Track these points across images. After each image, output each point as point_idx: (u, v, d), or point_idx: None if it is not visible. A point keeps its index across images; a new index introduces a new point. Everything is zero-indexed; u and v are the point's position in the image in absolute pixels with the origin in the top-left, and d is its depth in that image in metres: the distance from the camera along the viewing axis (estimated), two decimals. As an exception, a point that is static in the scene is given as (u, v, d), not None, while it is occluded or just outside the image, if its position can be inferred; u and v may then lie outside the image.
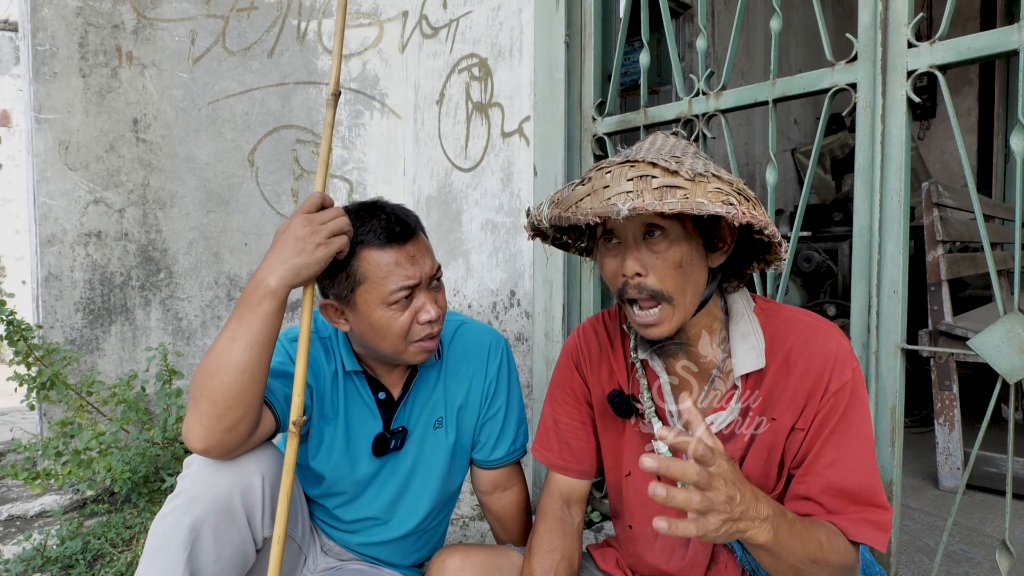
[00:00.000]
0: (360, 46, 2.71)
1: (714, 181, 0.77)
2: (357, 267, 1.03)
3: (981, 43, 1.21)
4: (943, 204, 2.34)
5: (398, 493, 1.24)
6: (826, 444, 0.86)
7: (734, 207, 0.75)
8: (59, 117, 2.43)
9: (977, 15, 5.07)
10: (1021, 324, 1.19)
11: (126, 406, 2.26)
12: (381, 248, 1.03)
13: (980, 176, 5.09)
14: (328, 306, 1.08)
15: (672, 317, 0.86)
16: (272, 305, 0.92)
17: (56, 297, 2.45)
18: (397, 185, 2.77)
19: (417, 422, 1.22)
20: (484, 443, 1.28)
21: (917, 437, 2.73)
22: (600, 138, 1.96)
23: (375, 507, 1.23)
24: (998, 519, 1.92)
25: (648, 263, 0.85)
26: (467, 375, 1.25)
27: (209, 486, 0.98)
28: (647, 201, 0.75)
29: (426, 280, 1.07)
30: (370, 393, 1.19)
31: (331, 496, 1.23)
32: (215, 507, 0.98)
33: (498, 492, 1.31)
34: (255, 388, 0.93)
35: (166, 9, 2.56)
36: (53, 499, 2.25)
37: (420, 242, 1.08)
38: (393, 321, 1.04)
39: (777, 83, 1.50)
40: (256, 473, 1.01)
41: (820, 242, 3.66)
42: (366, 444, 1.19)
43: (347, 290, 1.04)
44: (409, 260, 1.04)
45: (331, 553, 1.28)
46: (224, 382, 0.91)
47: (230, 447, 0.96)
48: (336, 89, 1.02)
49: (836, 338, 0.89)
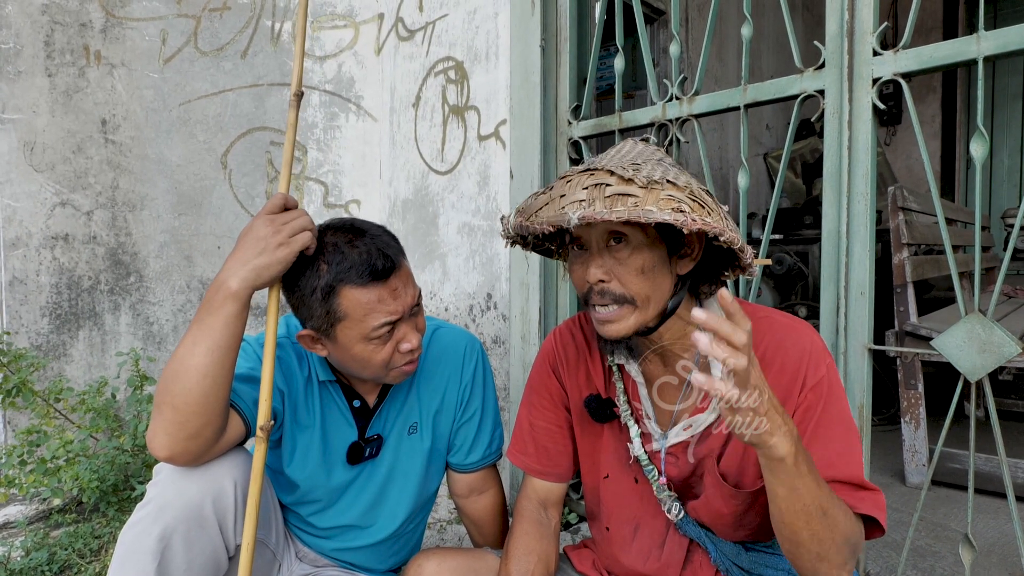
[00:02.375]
0: (335, 48, 2.69)
1: (668, 188, 0.77)
2: (338, 304, 0.99)
3: (943, 52, 1.26)
4: (908, 208, 2.40)
5: (374, 500, 1.23)
6: (811, 441, 0.87)
7: (684, 214, 0.75)
8: (24, 117, 2.37)
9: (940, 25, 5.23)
10: (982, 324, 1.23)
11: (95, 413, 2.21)
12: (363, 287, 0.99)
13: (943, 181, 5.25)
14: (305, 336, 1.05)
15: (629, 318, 0.87)
16: (234, 308, 0.91)
17: (21, 302, 2.38)
18: (373, 188, 2.76)
19: (392, 429, 1.21)
20: (460, 447, 1.27)
21: (884, 435, 2.80)
22: (576, 141, 1.97)
23: (351, 515, 1.22)
24: (962, 514, 1.98)
25: (611, 270, 0.86)
26: (442, 379, 1.24)
27: (179, 493, 0.96)
28: (597, 210, 0.76)
29: (407, 311, 1.04)
30: (345, 402, 1.17)
31: (306, 504, 1.22)
32: (186, 514, 0.96)
33: (474, 496, 1.31)
34: (218, 394, 0.91)
35: (136, 8, 2.52)
36: (17, 509, 2.19)
37: (402, 272, 1.05)
38: (375, 354, 1.03)
39: (748, 89, 1.53)
40: (228, 478, 0.99)
41: (791, 245, 3.73)
42: (341, 452, 1.17)
43: (327, 325, 1.01)
44: (391, 295, 1.01)
45: (306, 560, 1.27)
46: (186, 388, 0.89)
47: (195, 454, 0.94)
48: (298, 89, 1.00)
49: (809, 335, 0.91)
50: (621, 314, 0.86)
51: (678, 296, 0.91)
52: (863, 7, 1.35)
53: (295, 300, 1.02)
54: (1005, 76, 5.06)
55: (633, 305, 0.86)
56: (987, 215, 4.87)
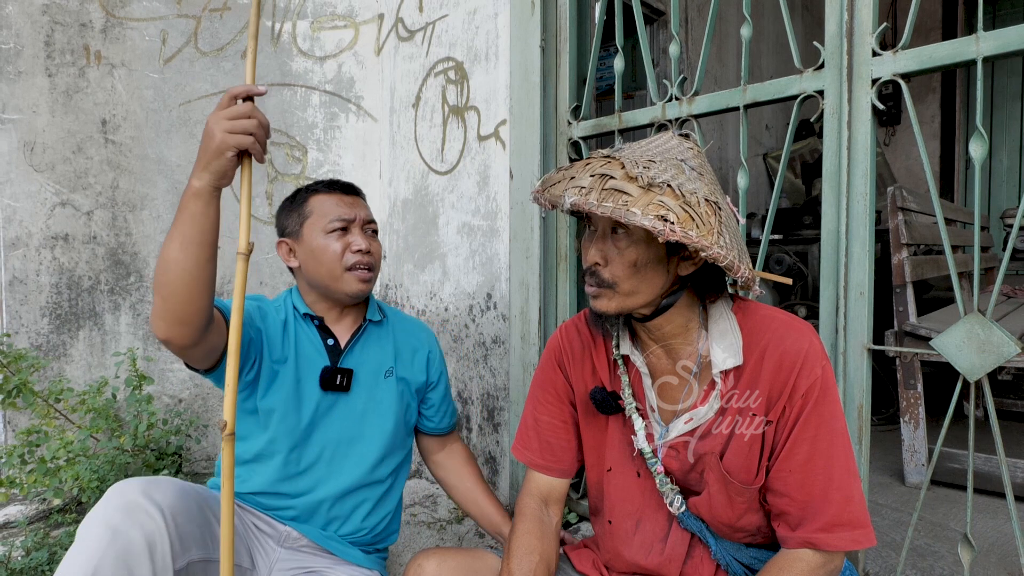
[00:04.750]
0: (335, 48, 2.70)
1: (666, 193, 0.78)
2: (306, 206, 1.29)
3: (942, 53, 1.26)
4: (907, 208, 2.41)
5: (350, 435, 1.31)
6: (799, 441, 0.88)
7: (666, 223, 0.75)
8: (24, 117, 2.37)
9: (939, 25, 5.24)
10: (981, 324, 1.23)
11: (95, 413, 2.21)
12: (327, 193, 1.30)
13: (943, 181, 5.25)
14: (282, 243, 1.31)
15: (612, 300, 0.91)
16: (197, 205, 0.99)
17: (21, 302, 2.39)
18: (373, 188, 2.76)
19: (364, 366, 1.34)
20: (434, 411, 1.47)
21: (884, 435, 2.80)
22: (575, 142, 1.97)
23: (325, 451, 1.28)
24: (961, 513, 1.98)
25: (608, 255, 0.90)
26: (415, 341, 1.45)
27: (104, 530, 0.98)
28: (590, 200, 0.79)
29: (360, 221, 1.29)
30: (320, 339, 1.31)
31: (279, 452, 1.25)
32: (114, 553, 0.96)
33: (447, 447, 1.51)
34: (197, 285, 1.01)
35: (136, 8, 2.52)
36: (17, 509, 2.19)
37: (360, 200, 1.34)
38: (329, 246, 1.25)
39: (748, 89, 1.53)
40: (152, 506, 1.02)
41: (791, 245, 3.73)
42: (315, 379, 1.29)
43: (297, 225, 1.28)
44: (347, 204, 1.29)
45: (287, 543, 1.27)
46: (168, 279, 0.99)
47: (189, 338, 1.04)
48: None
49: (809, 336, 0.92)
50: (604, 294, 0.91)
51: (676, 295, 0.92)
52: (862, 7, 1.35)
53: (281, 219, 1.32)
54: (1004, 76, 5.06)
55: (614, 291, 0.90)
56: (986, 215, 4.88)
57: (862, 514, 0.87)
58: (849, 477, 0.88)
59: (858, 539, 0.86)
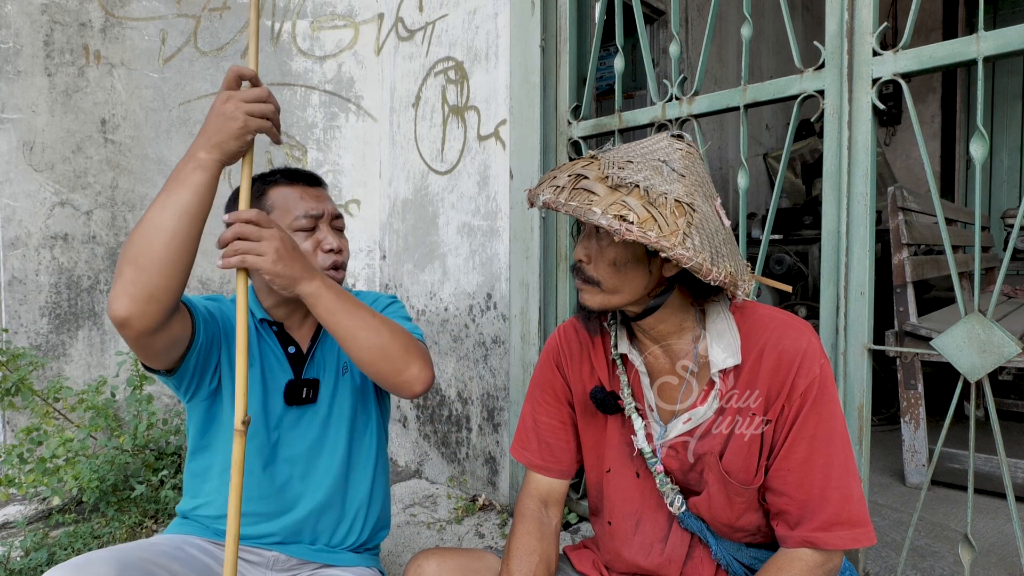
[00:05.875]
0: (335, 48, 2.69)
1: (632, 194, 0.79)
2: (268, 199, 1.16)
3: (942, 52, 1.26)
4: (908, 208, 2.40)
5: (313, 445, 1.23)
6: (798, 440, 0.88)
7: (623, 222, 0.76)
8: (23, 117, 2.37)
9: (939, 25, 5.23)
10: (981, 325, 1.23)
11: (95, 412, 2.21)
12: (288, 185, 1.18)
13: (943, 181, 5.25)
14: None
15: (596, 296, 0.93)
16: (202, 177, 0.95)
17: (20, 302, 2.38)
18: (373, 188, 2.76)
19: (327, 371, 1.26)
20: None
21: (884, 435, 2.80)
22: (575, 142, 1.97)
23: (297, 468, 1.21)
24: (961, 514, 1.98)
25: (592, 254, 0.91)
26: None
27: None
28: (561, 199, 0.81)
29: (328, 216, 1.19)
30: (280, 348, 1.22)
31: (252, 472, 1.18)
32: None
33: None
34: (182, 259, 0.95)
35: (135, 8, 2.52)
36: (17, 509, 2.18)
37: (324, 192, 1.23)
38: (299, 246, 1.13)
39: (748, 89, 1.53)
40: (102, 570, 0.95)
41: (791, 244, 3.73)
42: (279, 393, 1.20)
43: None
44: (313, 198, 1.18)
45: (277, 566, 1.23)
46: (152, 247, 0.92)
47: (151, 319, 0.94)
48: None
49: (807, 335, 0.91)
50: (589, 290, 0.93)
51: (664, 295, 0.92)
52: (863, 7, 1.35)
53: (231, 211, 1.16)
54: (1005, 76, 5.06)
55: (599, 288, 0.92)
56: (987, 215, 4.88)
57: (861, 513, 0.87)
58: (848, 476, 0.87)
59: (857, 538, 0.86)
